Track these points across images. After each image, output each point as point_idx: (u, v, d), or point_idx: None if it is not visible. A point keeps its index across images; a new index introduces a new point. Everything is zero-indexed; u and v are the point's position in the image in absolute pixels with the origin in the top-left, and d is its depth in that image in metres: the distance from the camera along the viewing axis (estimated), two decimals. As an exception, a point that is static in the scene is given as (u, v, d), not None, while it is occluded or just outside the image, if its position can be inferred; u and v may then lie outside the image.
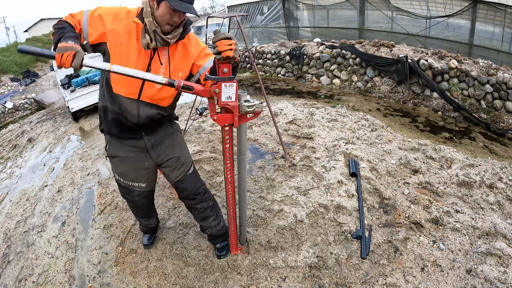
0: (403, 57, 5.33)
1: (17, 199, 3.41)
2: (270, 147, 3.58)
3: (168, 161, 1.77)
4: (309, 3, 8.95)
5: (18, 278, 2.22)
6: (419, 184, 2.76)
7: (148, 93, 1.54)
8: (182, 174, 1.81)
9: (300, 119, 4.27)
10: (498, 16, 5.61)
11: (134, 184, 1.79)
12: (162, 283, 1.97)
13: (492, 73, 4.51)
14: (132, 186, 1.80)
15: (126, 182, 1.79)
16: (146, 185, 1.82)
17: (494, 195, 2.55)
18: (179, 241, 2.27)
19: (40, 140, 5.62)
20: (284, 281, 1.91)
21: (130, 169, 1.74)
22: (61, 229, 2.68)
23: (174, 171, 1.79)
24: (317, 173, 2.93)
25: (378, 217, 2.40)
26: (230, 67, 1.35)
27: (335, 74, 6.63)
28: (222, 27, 11.24)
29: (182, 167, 1.81)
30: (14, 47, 15.56)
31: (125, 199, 1.95)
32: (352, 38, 7.32)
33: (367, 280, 1.89)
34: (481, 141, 3.96)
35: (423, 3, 6.73)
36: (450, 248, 2.06)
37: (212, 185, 2.94)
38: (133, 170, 1.74)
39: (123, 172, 1.76)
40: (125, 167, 1.74)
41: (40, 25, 26.83)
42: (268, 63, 7.95)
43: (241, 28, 3.24)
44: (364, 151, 3.28)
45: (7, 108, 9.66)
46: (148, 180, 1.81)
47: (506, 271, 1.83)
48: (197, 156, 3.48)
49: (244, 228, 2.09)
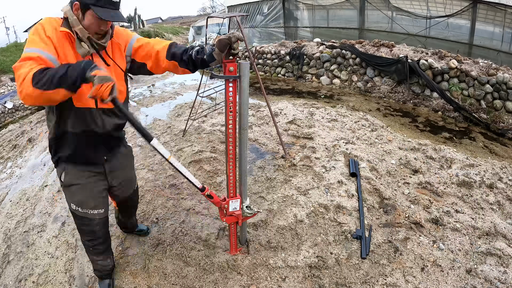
0: (403, 57, 5.34)
1: (17, 199, 3.41)
2: (270, 147, 3.58)
3: (121, 183, 1.82)
4: (309, 3, 8.96)
5: (18, 278, 2.22)
6: (419, 184, 2.76)
7: None
8: (131, 190, 1.96)
9: (300, 119, 4.27)
10: (498, 16, 5.61)
11: (94, 212, 1.69)
12: (162, 283, 1.97)
13: (492, 73, 4.52)
14: (92, 215, 1.69)
15: (85, 211, 1.67)
16: (104, 211, 1.75)
17: (494, 195, 2.55)
18: (179, 241, 2.27)
19: (40, 140, 5.62)
20: (284, 281, 1.91)
21: (89, 196, 1.66)
22: (61, 229, 2.67)
23: (126, 191, 1.90)
24: (317, 173, 2.93)
25: (378, 217, 2.40)
26: (236, 66, 1.39)
27: (335, 74, 6.63)
28: (222, 27, 11.23)
29: (132, 186, 1.96)
30: (14, 47, 15.56)
31: (83, 232, 1.79)
32: (352, 38, 7.32)
33: (367, 280, 1.89)
34: (481, 141, 3.96)
35: (423, 3, 6.73)
36: (450, 248, 2.06)
37: (212, 185, 2.94)
38: (92, 196, 1.67)
39: (82, 201, 1.65)
40: (85, 194, 1.65)
41: (40, 25, 26.76)
42: (268, 63, 7.96)
43: (241, 28, 3.24)
44: (364, 151, 3.28)
45: (7, 108, 9.66)
46: (105, 205, 1.75)
47: (506, 271, 1.83)
48: (197, 156, 3.48)
49: (244, 228, 2.09)
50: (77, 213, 1.69)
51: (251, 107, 5.04)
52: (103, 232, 1.83)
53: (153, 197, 2.82)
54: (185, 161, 3.37)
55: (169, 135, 4.19)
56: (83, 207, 1.66)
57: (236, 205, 1.75)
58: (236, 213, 1.77)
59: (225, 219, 1.79)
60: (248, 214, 1.80)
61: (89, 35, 1.35)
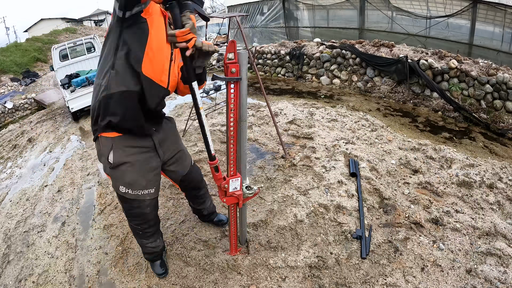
0: (403, 57, 5.33)
1: (17, 199, 3.41)
2: (270, 147, 3.58)
3: (174, 156, 1.76)
4: (309, 3, 8.96)
5: (18, 278, 2.22)
6: (419, 184, 2.76)
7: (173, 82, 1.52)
8: (189, 165, 1.86)
9: (300, 119, 4.27)
10: (498, 16, 5.61)
11: (145, 192, 1.62)
12: (162, 283, 1.97)
13: (492, 73, 4.51)
14: (143, 195, 1.62)
15: (136, 192, 1.59)
16: (154, 191, 1.68)
17: (494, 195, 2.55)
18: (179, 241, 2.27)
19: (40, 140, 5.62)
20: (284, 281, 1.91)
21: (140, 175, 1.58)
22: (61, 229, 2.68)
23: (181, 164, 1.81)
24: (317, 173, 2.93)
25: (378, 217, 2.40)
26: (238, 67, 1.38)
27: (335, 74, 6.63)
28: (222, 27, 11.23)
29: (187, 159, 1.86)
30: (14, 47, 15.55)
31: (132, 216, 1.71)
32: (352, 38, 7.32)
33: (367, 280, 1.89)
34: (481, 141, 3.96)
35: (423, 3, 6.73)
36: (450, 248, 2.06)
37: (212, 185, 2.94)
38: (143, 175, 1.59)
39: (132, 181, 1.56)
40: (135, 174, 1.56)
41: (40, 25, 26.81)
42: (268, 63, 7.95)
43: (241, 28, 3.24)
44: (364, 151, 3.28)
45: (7, 108, 9.65)
46: (156, 184, 1.68)
47: (506, 271, 1.83)
48: (197, 156, 3.48)
49: (244, 228, 2.09)
50: (126, 196, 1.60)
51: (251, 107, 5.04)
52: (153, 214, 1.76)
53: (153, 197, 2.82)
54: (185, 161, 3.37)
55: (169, 135, 4.19)
56: (134, 188, 1.58)
57: (236, 184, 1.68)
58: (237, 193, 1.70)
59: (225, 199, 1.71)
60: (248, 195, 1.74)
61: None
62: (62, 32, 20.00)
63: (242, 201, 1.75)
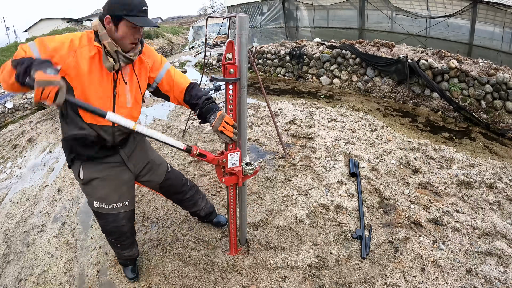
0: (403, 57, 5.34)
1: (17, 199, 3.41)
2: (270, 147, 3.58)
3: (146, 167, 1.77)
4: (309, 3, 8.96)
5: (18, 278, 2.22)
6: (419, 184, 2.76)
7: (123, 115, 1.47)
8: (163, 173, 1.87)
9: (300, 119, 4.27)
10: (498, 16, 5.62)
11: (118, 205, 1.64)
12: (162, 283, 1.97)
13: (492, 73, 4.52)
14: (116, 209, 1.64)
15: (109, 206, 1.62)
16: (129, 203, 1.69)
17: (494, 195, 2.55)
18: (179, 241, 2.27)
19: (40, 140, 5.62)
20: (284, 281, 1.91)
21: (112, 189, 1.61)
22: (61, 229, 2.67)
23: (155, 173, 1.82)
24: (317, 173, 2.93)
25: (378, 217, 2.40)
26: (237, 68, 1.37)
27: (335, 74, 6.63)
28: (222, 27, 11.22)
29: (160, 167, 1.86)
30: (14, 47, 15.56)
31: (109, 232, 1.74)
32: (352, 38, 7.32)
33: (367, 280, 1.89)
34: (481, 141, 3.96)
35: (423, 3, 6.73)
36: (450, 248, 2.06)
37: (213, 184, 2.94)
38: (115, 189, 1.62)
39: (105, 195, 1.59)
40: (107, 188, 1.59)
41: (40, 25, 26.85)
42: (268, 63, 7.96)
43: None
44: (364, 151, 3.28)
45: (7, 108, 9.66)
46: (130, 197, 1.70)
47: (506, 271, 1.83)
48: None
49: (244, 228, 2.09)
50: (101, 211, 1.62)
51: (251, 107, 5.05)
52: (129, 226, 1.77)
53: (153, 197, 2.82)
54: (185, 161, 3.37)
55: (169, 135, 4.19)
56: (107, 202, 1.60)
57: (235, 160, 1.54)
58: (236, 169, 1.57)
59: (224, 179, 1.59)
60: (249, 172, 1.60)
61: (117, 48, 1.35)
62: (62, 32, 19.93)
63: (242, 178, 1.62)
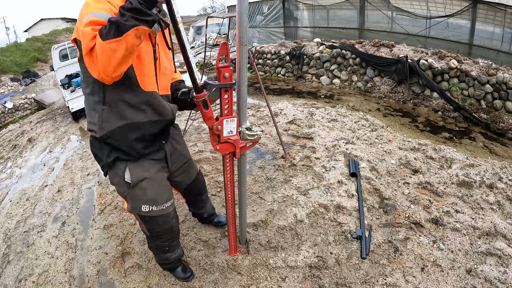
0: (403, 57, 5.33)
1: (17, 199, 3.41)
2: (270, 147, 3.58)
3: (182, 167, 1.66)
4: (309, 3, 8.96)
5: (18, 278, 2.22)
6: (419, 184, 2.76)
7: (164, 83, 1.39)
8: (194, 174, 1.80)
9: (300, 119, 4.27)
10: (498, 16, 5.61)
11: (168, 204, 1.50)
12: (162, 283, 1.97)
13: (492, 73, 4.51)
14: (166, 209, 1.50)
15: (160, 207, 1.47)
16: (173, 200, 1.58)
17: (494, 195, 2.55)
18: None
19: (40, 140, 5.62)
20: (284, 281, 1.91)
21: (160, 188, 1.47)
22: (61, 229, 2.68)
23: (187, 174, 1.73)
24: (317, 173, 2.92)
25: (378, 217, 2.40)
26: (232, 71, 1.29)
27: (335, 74, 6.63)
28: (222, 27, 11.22)
29: (194, 168, 1.80)
30: (14, 47, 15.56)
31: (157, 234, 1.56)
32: (352, 38, 7.32)
33: (367, 280, 1.89)
34: (481, 141, 3.96)
35: (423, 3, 6.73)
36: (450, 248, 2.06)
37: (213, 184, 2.94)
38: (163, 187, 1.48)
39: (155, 196, 1.44)
40: (156, 187, 1.44)
41: (40, 25, 26.82)
42: (268, 63, 7.96)
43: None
44: (364, 151, 3.28)
45: (7, 108, 9.65)
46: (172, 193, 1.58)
47: (506, 271, 1.83)
48: (197, 156, 3.48)
49: (244, 228, 2.09)
50: (150, 215, 1.46)
51: (251, 107, 5.04)
52: (176, 223, 1.63)
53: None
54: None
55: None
56: (158, 203, 1.46)
57: (232, 127, 1.37)
58: (233, 138, 1.40)
59: (219, 146, 1.41)
60: (249, 137, 1.42)
61: None
62: (62, 32, 20.01)
63: (239, 149, 1.44)
